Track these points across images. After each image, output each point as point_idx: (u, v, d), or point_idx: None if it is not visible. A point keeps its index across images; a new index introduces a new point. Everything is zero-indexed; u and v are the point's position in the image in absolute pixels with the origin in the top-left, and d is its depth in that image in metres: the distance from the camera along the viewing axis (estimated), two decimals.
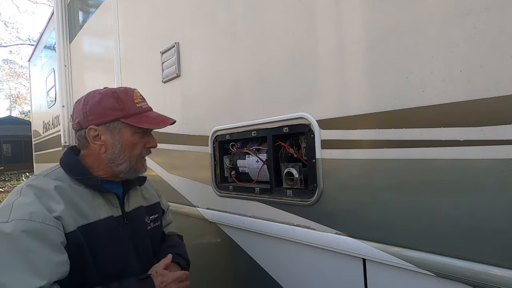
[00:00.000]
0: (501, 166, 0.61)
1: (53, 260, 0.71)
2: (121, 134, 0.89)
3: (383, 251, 0.78)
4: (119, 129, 0.88)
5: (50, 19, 3.45)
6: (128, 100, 0.90)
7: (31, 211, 0.72)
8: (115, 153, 0.89)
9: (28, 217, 0.71)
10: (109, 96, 0.89)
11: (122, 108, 0.88)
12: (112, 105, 0.88)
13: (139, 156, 0.93)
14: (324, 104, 0.91)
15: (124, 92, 0.91)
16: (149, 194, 1.08)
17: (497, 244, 0.62)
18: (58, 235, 0.74)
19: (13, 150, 17.61)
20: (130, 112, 0.89)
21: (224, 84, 1.26)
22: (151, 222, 1.03)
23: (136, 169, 0.93)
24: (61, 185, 0.82)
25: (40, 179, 0.83)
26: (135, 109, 0.90)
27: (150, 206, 1.06)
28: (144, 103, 0.94)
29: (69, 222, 0.77)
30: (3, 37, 29.65)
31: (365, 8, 0.81)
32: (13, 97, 26.69)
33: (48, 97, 3.61)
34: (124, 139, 0.89)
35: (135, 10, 1.88)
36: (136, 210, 0.97)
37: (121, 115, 0.88)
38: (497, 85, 0.61)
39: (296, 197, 1.01)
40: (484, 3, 0.62)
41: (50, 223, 0.73)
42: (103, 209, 0.87)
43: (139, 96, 0.94)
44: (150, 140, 0.96)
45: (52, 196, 0.78)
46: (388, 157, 0.77)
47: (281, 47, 1.02)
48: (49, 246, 0.71)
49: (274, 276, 1.09)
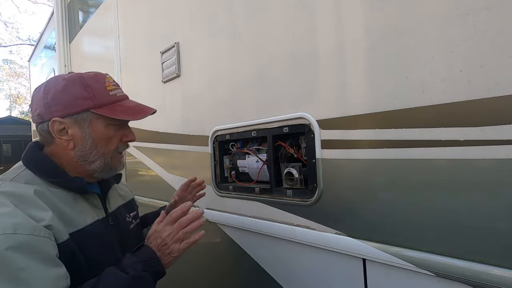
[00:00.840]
0: (501, 166, 0.61)
1: (51, 276, 0.60)
2: (92, 127, 0.77)
3: (383, 251, 0.78)
4: (90, 121, 0.76)
5: (50, 19, 3.45)
6: (98, 87, 0.78)
7: (14, 222, 0.60)
8: (86, 149, 0.77)
9: (12, 230, 0.59)
10: (75, 82, 0.76)
11: (92, 97, 0.76)
12: (79, 94, 0.75)
13: (115, 151, 0.82)
14: (324, 104, 0.91)
15: (93, 78, 0.79)
16: (124, 191, 1.01)
17: (497, 244, 0.62)
18: (51, 247, 0.63)
19: (13, 150, 17.57)
20: (102, 101, 0.77)
21: (224, 84, 1.26)
22: (132, 219, 0.96)
23: (112, 167, 0.82)
24: (39, 189, 0.69)
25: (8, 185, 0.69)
26: (108, 97, 0.78)
27: (127, 203, 0.99)
28: (118, 90, 0.82)
29: (60, 230, 0.67)
30: (3, 37, 29.60)
31: (365, 8, 0.81)
32: (13, 97, 26.68)
33: None
34: (96, 133, 0.77)
35: (135, 10, 1.88)
36: (117, 209, 0.91)
37: (91, 104, 0.76)
38: (497, 85, 0.61)
39: (296, 197, 1.01)
40: (484, 3, 0.62)
41: (40, 233, 0.62)
42: (87, 213, 0.78)
43: (112, 82, 0.82)
44: (127, 132, 0.84)
45: (33, 202, 0.66)
46: (388, 157, 0.77)
47: (281, 47, 1.02)
48: (43, 261, 0.60)
49: (274, 276, 1.09)
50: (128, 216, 0.96)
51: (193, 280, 1.42)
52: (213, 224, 1.35)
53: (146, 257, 0.74)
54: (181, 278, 1.07)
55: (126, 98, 0.85)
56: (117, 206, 0.93)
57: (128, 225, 0.94)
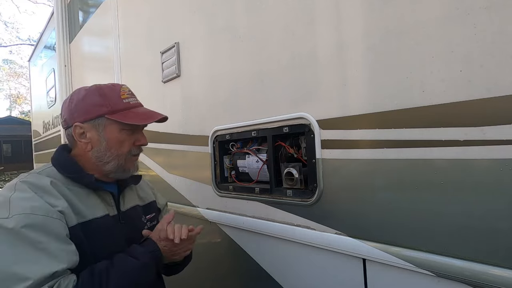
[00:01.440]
0: (501, 166, 0.61)
1: (64, 248, 0.71)
2: (107, 130, 0.86)
3: (383, 251, 0.78)
4: (104, 126, 0.86)
5: (50, 19, 3.45)
6: (113, 96, 0.87)
7: (31, 205, 0.71)
8: (101, 150, 0.86)
9: (30, 211, 0.70)
10: (94, 92, 0.87)
11: (107, 104, 0.85)
12: (97, 102, 0.85)
13: (128, 154, 0.89)
14: (324, 104, 0.91)
15: (110, 88, 0.89)
16: (145, 193, 1.07)
17: (497, 244, 0.62)
18: (62, 228, 0.73)
19: (13, 150, 17.60)
20: (116, 107, 0.86)
21: (224, 84, 1.26)
22: (148, 221, 1.01)
23: (126, 168, 0.90)
24: (55, 181, 0.80)
25: (35, 176, 0.81)
26: (121, 104, 0.87)
27: (146, 205, 1.04)
28: (132, 98, 0.91)
29: (70, 217, 0.76)
30: (3, 37, 29.65)
31: (365, 8, 0.81)
32: (13, 97, 26.69)
33: (48, 97, 3.61)
34: (110, 136, 0.86)
35: (135, 10, 1.88)
36: (132, 209, 0.96)
37: (105, 111, 0.85)
38: (497, 85, 0.61)
39: (296, 197, 1.01)
40: (484, 3, 0.62)
41: (53, 215, 0.72)
42: (99, 207, 0.85)
43: (127, 92, 0.91)
44: (140, 137, 0.92)
45: (49, 191, 0.77)
46: (388, 157, 0.77)
47: (281, 47, 1.02)
48: (56, 238, 0.71)
49: (274, 276, 1.09)
50: (144, 218, 1.00)
51: (193, 280, 1.42)
52: (213, 224, 1.35)
53: (151, 249, 0.85)
54: (181, 278, 1.07)
55: (139, 106, 0.93)
56: (132, 205, 0.97)
57: (142, 225, 0.98)
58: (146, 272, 0.82)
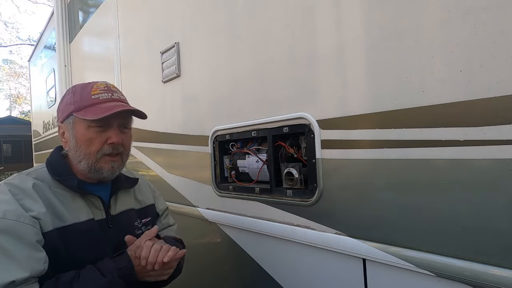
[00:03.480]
0: (501, 166, 0.61)
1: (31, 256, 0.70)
2: (76, 128, 0.83)
3: (383, 251, 0.78)
4: (73, 124, 0.83)
5: (50, 19, 3.45)
6: (83, 93, 0.84)
7: (5, 209, 0.71)
8: (71, 149, 0.84)
9: (1, 215, 0.70)
10: (69, 91, 0.87)
11: (75, 101, 0.84)
12: (68, 100, 0.85)
13: (99, 153, 0.83)
14: (324, 104, 0.91)
15: (83, 86, 0.87)
16: (143, 196, 1.02)
17: (497, 244, 0.62)
18: (33, 233, 0.72)
19: (13, 150, 17.58)
20: (82, 104, 0.83)
21: (224, 84, 1.26)
22: (143, 225, 0.97)
23: (97, 168, 0.83)
24: (39, 184, 0.79)
25: (21, 177, 0.80)
26: (88, 100, 0.83)
27: (142, 208, 1.00)
28: (105, 94, 0.85)
29: (47, 222, 0.75)
30: (3, 37, 29.64)
31: (365, 8, 0.81)
32: (13, 97, 26.68)
33: (48, 97, 3.61)
34: (78, 134, 0.83)
35: (135, 10, 1.88)
36: (124, 213, 0.92)
37: (73, 108, 0.83)
38: (497, 85, 0.61)
39: (296, 197, 1.01)
40: (484, 3, 0.62)
41: (24, 221, 0.71)
42: (82, 211, 0.82)
43: (101, 88, 0.86)
44: (111, 135, 0.84)
45: (29, 195, 0.76)
46: (388, 157, 0.77)
47: (281, 47, 1.02)
48: (24, 245, 0.70)
49: (274, 276, 1.09)
50: (138, 222, 0.96)
51: (193, 280, 1.42)
52: (213, 224, 1.35)
53: (122, 265, 0.79)
54: (180, 278, 1.07)
55: (110, 101, 0.85)
56: (124, 209, 0.93)
57: (133, 229, 0.93)
58: None
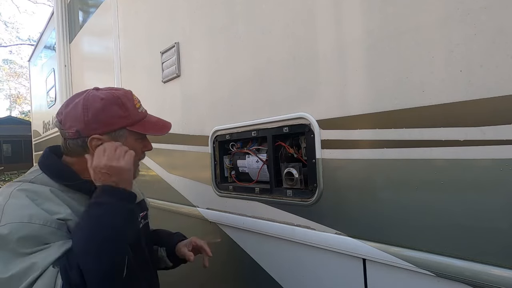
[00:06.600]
0: (501, 166, 0.61)
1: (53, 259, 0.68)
2: (127, 141, 0.86)
3: (383, 251, 0.78)
4: (125, 137, 0.86)
5: (50, 19, 3.45)
6: (130, 106, 0.87)
7: (29, 213, 0.68)
8: None
9: (28, 219, 0.67)
10: (113, 102, 0.84)
11: (128, 116, 0.86)
12: (118, 113, 0.84)
13: (137, 161, 0.92)
14: (324, 104, 0.91)
15: (125, 97, 0.87)
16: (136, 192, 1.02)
17: (497, 244, 0.62)
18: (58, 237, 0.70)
19: (13, 150, 17.59)
20: (135, 119, 0.88)
21: (224, 84, 1.26)
22: (142, 219, 1.03)
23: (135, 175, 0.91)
24: (54, 189, 0.78)
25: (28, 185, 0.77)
26: (137, 115, 0.89)
27: (138, 203, 1.02)
28: (142, 107, 0.93)
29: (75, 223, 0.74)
30: (3, 37, 29.64)
31: (365, 8, 0.81)
32: (13, 97, 26.69)
33: (48, 97, 3.61)
34: (129, 146, 0.85)
35: (135, 10, 1.88)
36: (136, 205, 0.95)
37: (127, 123, 0.86)
38: (497, 85, 0.61)
39: (296, 197, 1.01)
40: (484, 3, 0.62)
41: (52, 225, 0.70)
42: None
43: (137, 100, 0.92)
44: (147, 143, 0.95)
45: (50, 198, 0.74)
46: (388, 157, 0.77)
47: (281, 47, 1.02)
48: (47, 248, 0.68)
49: (274, 276, 1.09)
50: (139, 216, 1.02)
51: (193, 280, 1.42)
52: (213, 224, 1.35)
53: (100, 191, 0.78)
54: (180, 278, 1.07)
55: (147, 113, 0.94)
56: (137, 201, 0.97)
57: (139, 224, 1.00)
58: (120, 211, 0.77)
